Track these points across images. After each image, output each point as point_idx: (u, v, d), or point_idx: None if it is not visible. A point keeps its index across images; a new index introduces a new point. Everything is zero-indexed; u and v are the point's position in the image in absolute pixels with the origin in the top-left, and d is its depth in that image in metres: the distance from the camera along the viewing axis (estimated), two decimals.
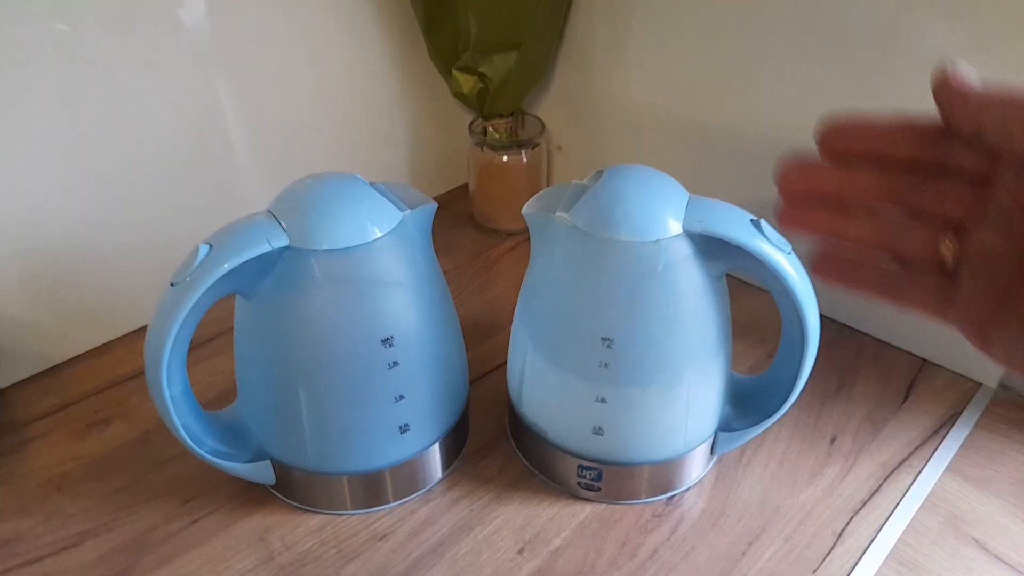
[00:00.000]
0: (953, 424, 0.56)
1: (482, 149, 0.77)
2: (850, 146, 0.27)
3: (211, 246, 0.42)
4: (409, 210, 0.46)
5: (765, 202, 0.66)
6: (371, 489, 0.50)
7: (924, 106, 0.54)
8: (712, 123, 0.67)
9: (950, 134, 0.24)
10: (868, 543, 0.48)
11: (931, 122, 0.25)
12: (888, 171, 0.26)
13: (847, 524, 0.49)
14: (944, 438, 0.55)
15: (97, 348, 0.65)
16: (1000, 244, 0.24)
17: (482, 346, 0.64)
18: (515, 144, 0.77)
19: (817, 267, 0.28)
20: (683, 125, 0.69)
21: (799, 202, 0.28)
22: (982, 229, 0.25)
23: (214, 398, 0.59)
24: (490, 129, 0.78)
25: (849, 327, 0.66)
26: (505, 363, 0.54)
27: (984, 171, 0.24)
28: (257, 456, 0.49)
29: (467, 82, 0.74)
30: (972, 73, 0.23)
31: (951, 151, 0.25)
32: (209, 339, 0.63)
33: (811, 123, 0.60)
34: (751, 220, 0.44)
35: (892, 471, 0.53)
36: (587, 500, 0.51)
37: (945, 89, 0.24)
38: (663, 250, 0.43)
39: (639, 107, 0.73)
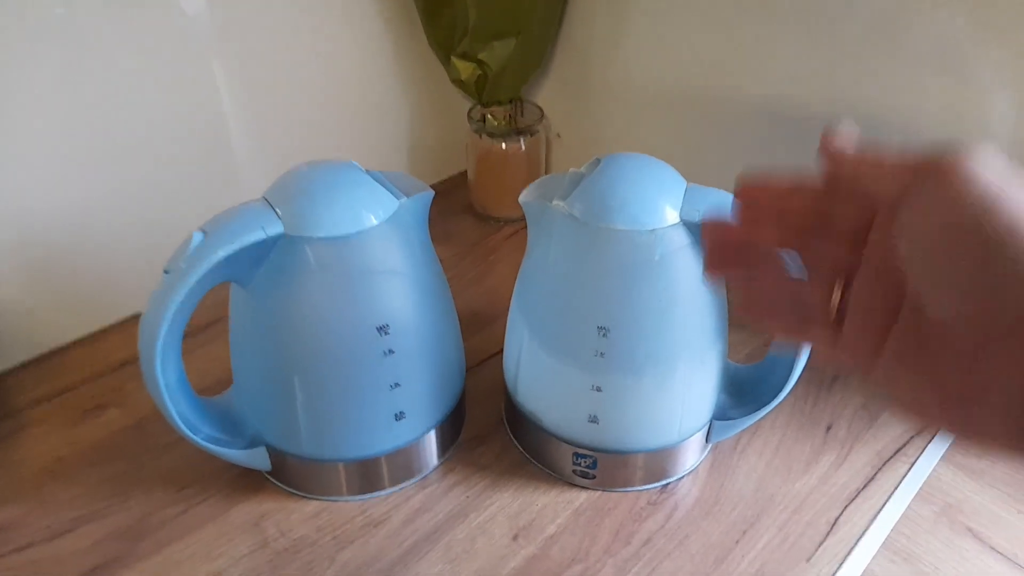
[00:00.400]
0: None
1: (480, 137, 0.77)
2: (758, 199, 0.30)
3: (205, 233, 0.42)
4: (405, 198, 0.46)
5: None
6: (367, 476, 0.50)
7: (925, 90, 0.53)
8: (713, 110, 0.67)
9: (834, 187, 0.28)
10: (862, 532, 0.48)
11: (822, 179, 0.29)
12: (788, 223, 0.30)
13: (841, 513, 0.50)
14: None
15: (92, 334, 0.65)
16: (874, 289, 0.27)
17: (480, 334, 0.64)
18: (514, 132, 0.77)
19: (740, 308, 0.32)
20: (683, 112, 0.69)
21: (721, 251, 0.32)
22: (860, 276, 0.28)
23: (210, 385, 0.59)
24: (489, 116, 0.78)
25: None
26: (502, 351, 0.54)
27: (864, 223, 0.27)
28: (253, 443, 0.49)
29: (466, 69, 0.73)
30: (853, 132, 0.27)
31: (837, 205, 0.28)
32: (205, 326, 0.63)
33: (814, 106, 0.60)
34: None
35: (887, 460, 0.53)
36: (582, 488, 0.51)
37: (828, 145, 0.27)
38: (660, 239, 0.43)
39: (639, 94, 0.72)
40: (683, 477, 0.52)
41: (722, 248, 0.31)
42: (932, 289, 0.25)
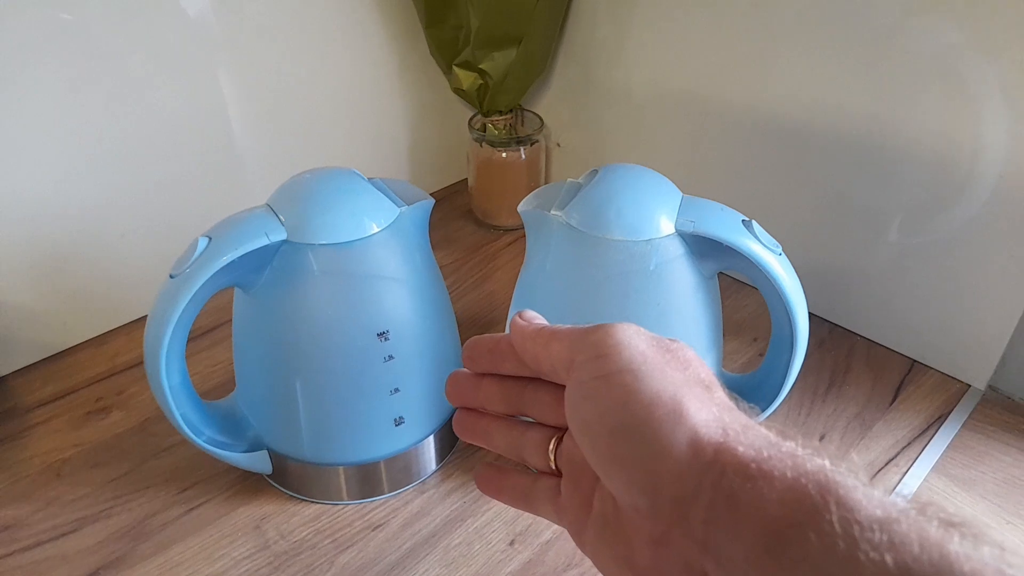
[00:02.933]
0: (941, 425, 0.57)
1: (481, 145, 0.78)
2: (479, 362, 0.32)
3: (210, 239, 0.42)
4: (406, 206, 0.47)
5: (762, 201, 0.66)
6: (366, 480, 0.51)
7: (924, 103, 0.54)
8: (712, 121, 0.67)
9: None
10: None
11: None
12: (505, 383, 0.31)
13: None
14: (932, 438, 0.56)
15: (98, 337, 0.66)
16: (575, 449, 0.27)
17: None
18: (514, 140, 0.78)
19: (478, 481, 0.33)
20: (683, 123, 0.70)
21: (462, 412, 0.32)
22: (567, 436, 0.29)
23: (212, 388, 0.60)
24: (490, 125, 0.78)
25: (840, 327, 0.67)
26: None
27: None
28: (254, 446, 0.50)
29: (467, 78, 0.74)
30: (532, 319, 0.29)
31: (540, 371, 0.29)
32: (209, 330, 0.64)
33: (812, 118, 0.60)
34: (743, 220, 0.44)
35: (879, 470, 0.54)
36: None
37: (513, 326, 0.29)
38: (655, 249, 0.43)
39: (639, 105, 0.73)
40: None
41: (464, 409, 0.32)
42: (599, 470, 0.25)
